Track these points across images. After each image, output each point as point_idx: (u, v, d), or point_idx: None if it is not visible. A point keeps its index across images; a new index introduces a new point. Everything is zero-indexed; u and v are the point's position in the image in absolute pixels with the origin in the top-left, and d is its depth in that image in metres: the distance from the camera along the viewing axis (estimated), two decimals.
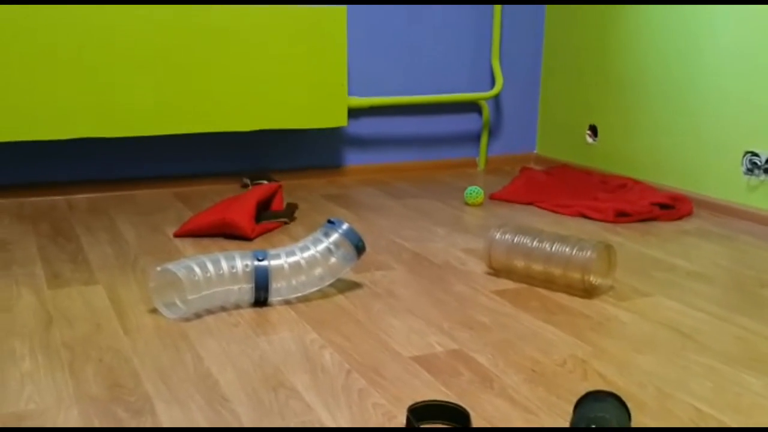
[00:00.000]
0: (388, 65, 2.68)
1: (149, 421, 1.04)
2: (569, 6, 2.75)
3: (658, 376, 1.20)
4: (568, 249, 1.53)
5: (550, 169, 2.70)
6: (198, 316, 1.41)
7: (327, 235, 1.50)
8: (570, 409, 1.09)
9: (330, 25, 2.40)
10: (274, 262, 1.45)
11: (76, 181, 2.37)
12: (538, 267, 1.57)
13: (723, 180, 2.23)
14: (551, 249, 1.55)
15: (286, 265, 1.45)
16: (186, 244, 1.85)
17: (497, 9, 2.73)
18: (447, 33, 2.73)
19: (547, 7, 2.86)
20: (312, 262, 1.47)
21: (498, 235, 1.62)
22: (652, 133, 2.46)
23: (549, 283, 1.58)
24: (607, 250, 1.54)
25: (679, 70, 2.34)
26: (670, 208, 2.20)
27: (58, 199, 2.31)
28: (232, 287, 1.42)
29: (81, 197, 2.33)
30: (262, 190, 1.99)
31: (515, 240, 1.60)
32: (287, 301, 1.49)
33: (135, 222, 2.05)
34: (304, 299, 1.50)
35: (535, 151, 2.99)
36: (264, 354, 1.26)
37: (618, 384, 1.17)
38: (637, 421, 1.06)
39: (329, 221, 1.52)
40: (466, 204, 2.30)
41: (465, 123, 2.86)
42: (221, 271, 1.40)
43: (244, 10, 2.30)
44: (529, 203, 2.32)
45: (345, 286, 1.58)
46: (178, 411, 1.07)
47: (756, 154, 2.12)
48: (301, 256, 1.47)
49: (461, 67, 2.79)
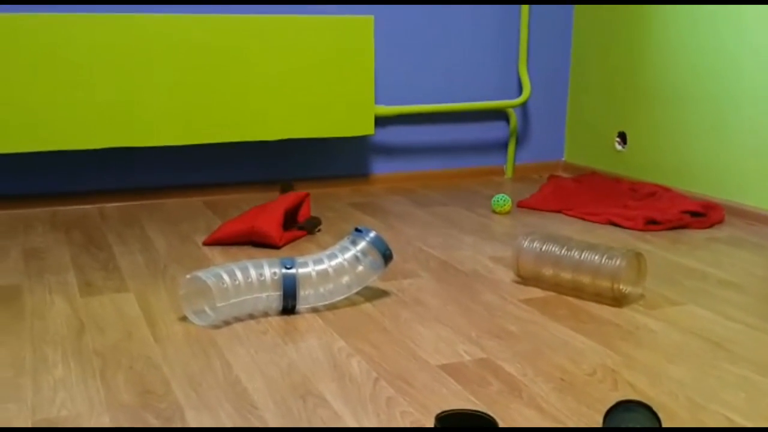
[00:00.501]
0: (415, 74, 2.68)
1: None
2: (597, 12, 2.73)
3: (690, 386, 1.18)
4: (597, 257, 1.51)
5: (578, 177, 2.68)
6: (227, 323, 1.42)
7: (354, 243, 1.51)
8: (600, 420, 1.07)
9: (357, 34, 2.42)
10: (301, 270, 1.45)
11: (107, 190, 2.40)
12: (566, 275, 1.55)
13: (755, 187, 2.19)
14: (580, 257, 1.53)
15: (314, 273, 1.46)
16: (215, 253, 1.87)
17: (524, 16, 2.72)
18: (474, 41, 2.73)
19: (575, 14, 2.84)
20: (339, 270, 1.48)
21: (526, 243, 1.61)
22: (682, 139, 2.43)
23: (578, 291, 1.57)
24: (637, 258, 1.53)
25: (710, 74, 2.31)
26: (701, 215, 2.17)
27: (90, 208, 2.35)
28: (260, 295, 1.43)
29: (112, 206, 2.36)
30: (290, 198, 2.00)
31: (543, 248, 1.59)
32: (315, 309, 1.49)
33: (165, 230, 2.07)
34: (332, 307, 1.51)
35: (563, 158, 2.97)
36: (292, 362, 1.26)
37: (649, 394, 1.15)
38: None
39: (356, 229, 1.52)
40: (494, 212, 2.29)
41: (492, 131, 2.85)
42: (250, 279, 1.41)
43: (271, 19, 2.32)
44: (558, 211, 2.30)
45: (372, 294, 1.58)
46: (208, 418, 1.08)
47: None
48: (328, 264, 1.47)
49: (488, 75, 2.78)
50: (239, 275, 1.41)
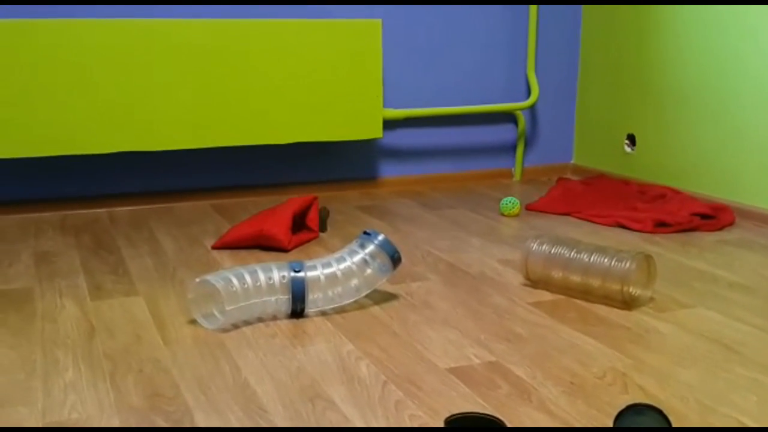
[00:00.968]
0: (423, 77, 2.68)
1: None
2: (606, 15, 2.72)
3: (700, 389, 1.17)
4: (606, 260, 1.51)
5: (587, 179, 2.67)
6: (236, 327, 1.43)
7: (363, 246, 1.51)
8: (610, 423, 1.07)
9: (365, 38, 2.42)
10: (310, 274, 1.45)
11: (117, 194, 2.41)
12: (575, 278, 1.55)
13: (766, 189, 2.18)
14: (589, 260, 1.53)
15: (323, 277, 1.46)
16: (224, 256, 1.87)
17: (532, 19, 2.72)
18: (482, 44, 2.73)
19: (583, 16, 2.84)
20: (348, 274, 1.48)
21: (535, 246, 1.61)
22: (691, 141, 2.42)
23: (587, 294, 1.56)
24: (646, 260, 1.52)
25: (719, 76, 2.30)
26: (711, 218, 2.16)
27: (100, 211, 2.36)
28: (269, 298, 1.43)
29: (122, 210, 2.37)
30: (299, 202, 2.00)
31: (552, 251, 1.58)
32: (323, 312, 1.50)
33: (174, 234, 2.08)
34: (341, 310, 1.51)
35: (572, 161, 2.96)
36: (301, 365, 1.26)
37: (659, 397, 1.15)
38: None
39: (365, 232, 1.52)
40: (502, 215, 2.28)
41: (501, 133, 2.85)
42: (258, 283, 1.42)
43: (280, 23, 2.33)
44: (566, 214, 2.29)
45: (381, 298, 1.58)
46: (217, 421, 1.08)
47: None
48: (337, 268, 1.48)
49: (497, 78, 2.78)
50: (248, 279, 1.41)
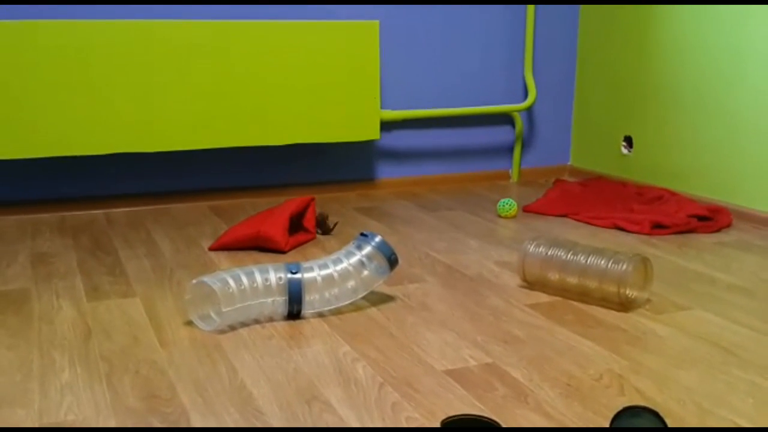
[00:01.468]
0: (421, 78, 2.68)
1: None
2: (603, 16, 2.73)
3: (698, 391, 1.17)
4: (603, 262, 1.51)
5: (584, 181, 2.67)
6: (232, 328, 1.42)
7: (360, 248, 1.51)
8: (607, 425, 1.07)
9: (363, 39, 2.42)
10: (307, 275, 1.45)
11: (114, 195, 2.41)
12: (572, 280, 1.55)
13: (763, 191, 2.18)
14: (586, 262, 1.53)
15: (319, 278, 1.46)
16: (221, 257, 1.87)
17: (530, 20, 2.72)
18: (479, 45, 2.73)
19: (580, 18, 2.84)
20: (345, 275, 1.48)
21: (532, 248, 1.61)
22: (688, 143, 2.42)
23: (584, 296, 1.56)
24: (643, 262, 1.52)
25: (716, 79, 2.30)
26: (709, 219, 2.16)
27: (97, 213, 2.35)
28: (265, 300, 1.43)
29: (119, 211, 2.37)
30: (296, 203, 2.00)
31: (549, 252, 1.58)
32: (320, 314, 1.49)
33: (171, 235, 2.08)
34: (337, 312, 1.51)
35: (570, 162, 2.96)
36: (298, 367, 1.26)
37: (656, 400, 1.15)
38: None
39: (362, 234, 1.52)
40: (499, 216, 2.28)
41: (498, 135, 2.85)
42: (255, 284, 1.42)
43: (277, 25, 2.33)
44: (563, 215, 2.30)
45: (378, 299, 1.58)
46: (213, 423, 1.08)
47: None
48: (334, 269, 1.47)
49: (494, 79, 2.78)
50: (245, 280, 1.41)
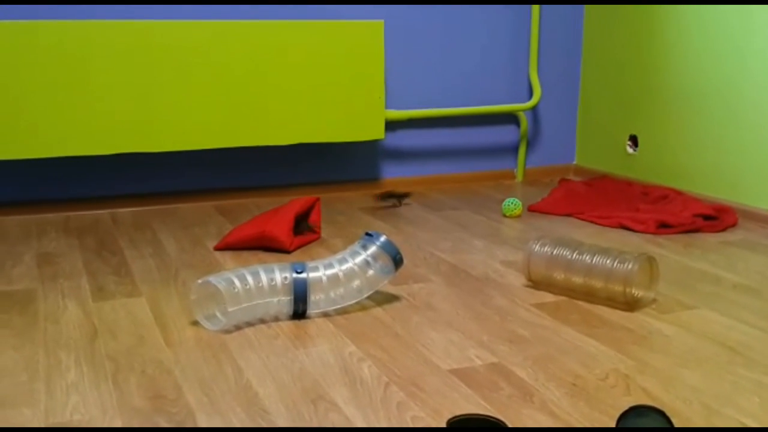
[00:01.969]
0: (426, 78, 2.68)
1: None
2: (608, 15, 2.72)
3: (704, 391, 1.17)
4: (609, 261, 1.51)
5: (589, 180, 2.67)
6: (238, 328, 1.43)
7: (365, 247, 1.51)
8: (613, 425, 1.07)
9: (367, 39, 2.42)
10: (312, 275, 1.45)
11: (120, 195, 2.42)
12: (578, 279, 1.55)
13: None
14: (592, 261, 1.53)
15: (325, 278, 1.46)
16: (226, 257, 1.87)
17: (535, 19, 2.72)
18: (484, 45, 2.73)
19: (585, 17, 2.84)
20: (350, 275, 1.48)
21: (537, 247, 1.61)
22: (694, 142, 2.42)
23: (589, 295, 1.56)
24: (649, 262, 1.52)
25: (721, 78, 2.30)
26: (714, 219, 2.16)
27: (102, 213, 2.36)
28: (271, 299, 1.43)
29: (125, 211, 2.38)
30: (300, 203, 2.00)
31: (554, 252, 1.58)
32: (325, 314, 1.50)
33: (177, 235, 2.08)
34: (343, 312, 1.51)
35: (575, 162, 2.96)
36: (303, 366, 1.26)
37: (662, 399, 1.15)
38: None
39: (367, 234, 1.52)
40: (504, 216, 2.28)
41: (503, 134, 2.85)
42: (260, 284, 1.42)
43: (282, 25, 2.33)
44: (568, 215, 2.29)
45: (383, 299, 1.58)
46: (219, 422, 1.08)
47: None
48: (339, 269, 1.48)
49: (499, 79, 2.78)
50: (250, 280, 1.41)
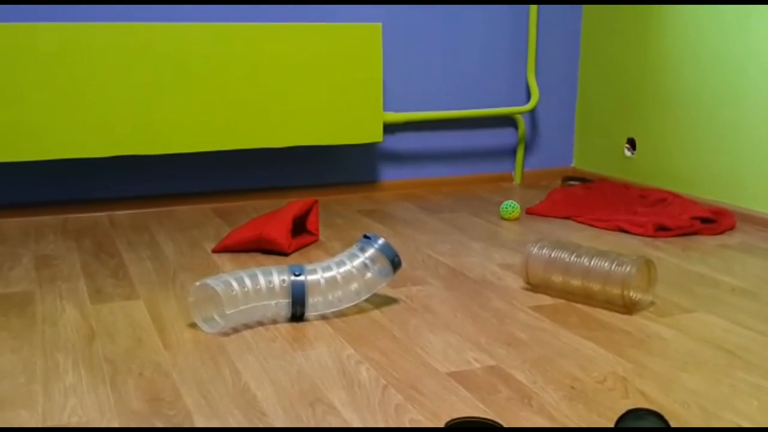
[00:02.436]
0: (423, 80, 2.69)
1: None
2: (606, 18, 2.73)
3: (703, 394, 1.17)
4: (607, 264, 1.51)
5: (587, 183, 2.67)
6: (236, 330, 1.42)
7: (363, 250, 1.51)
8: (610, 428, 1.07)
9: (365, 42, 2.42)
10: (310, 277, 1.45)
11: (118, 197, 2.41)
12: (576, 282, 1.55)
13: (766, 193, 2.18)
14: (590, 264, 1.53)
15: (323, 280, 1.46)
16: (224, 260, 1.87)
17: (532, 23, 2.72)
18: (482, 47, 2.73)
19: (583, 20, 2.84)
20: (348, 277, 1.48)
21: (535, 250, 1.61)
22: (692, 145, 2.42)
23: (587, 298, 1.56)
24: (647, 265, 1.52)
25: (719, 81, 2.30)
26: (712, 222, 2.16)
27: (100, 215, 2.36)
28: (269, 302, 1.43)
29: (123, 213, 2.37)
30: (299, 206, 2.00)
31: (552, 255, 1.58)
32: (324, 316, 1.49)
33: (175, 238, 2.08)
34: (341, 314, 1.51)
35: (572, 164, 2.96)
36: (301, 369, 1.26)
37: (660, 402, 1.15)
38: None
39: (365, 236, 1.52)
40: (502, 219, 2.28)
41: (501, 137, 2.85)
42: (258, 286, 1.42)
43: (279, 27, 2.33)
44: (566, 217, 2.29)
45: (381, 302, 1.58)
46: (217, 425, 1.08)
47: None
48: (337, 271, 1.47)
49: (497, 82, 2.78)
50: (248, 282, 1.41)
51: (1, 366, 1.27)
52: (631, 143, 2.67)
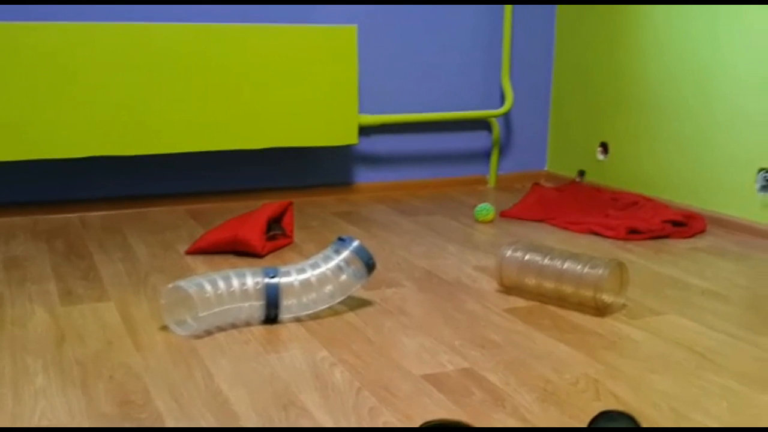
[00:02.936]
0: (399, 83, 2.69)
1: None
2: (579, 24, 2.75)
3: (673, 396, 1.19)
4: (579, 267, 1.52)
5: (561, 186, 2.69)
6: (209, 333, 1.41)
7: (337, 252, 1.50)
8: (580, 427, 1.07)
9: (341, 44, 2.42)
10: (284, 280, 1.45)
11: (89, 198, 2.38)
12: (549, 285, 1.56)
13: (737, 197, 2.22)
14: (563, 267, 1.54)
15: (297, 283, 1.45)
16: (197, 262, 1.85)
17: (506, 27, 2.74)
18: (457, 51, 2.74)
19: (557, 25, 2.87)
20: (322, 280, 1.47)
21: (509, 253, 1.62)
22: (663, 149, 2.45)
23: (561, 301, 1.57)
24: (619, 267, 1.54)
25: (691, 86, 2.33)
26: (683, 225, 2.19)
27: (72, 216, 2.33)
28: (242, 304, 1.42)
29: (94, 215, 2.34)
30: (273, 207, 1.99)
31: (526, 257, 1.59)
32: (298, 319, 1.49)
33: (147, 239, 2.06)
34: (315, 316, 1.50)
35: (546, 168, 2.98)
36: (274, 371, 1.25)
37: (632, 404, 1.16)
38: None
39: (340, 238, 1.52)
40: (477, 221, 2.29)
41: (476, 140, 2.86)
42: (232, 288, 1.41)
43: (254, 29, 2.32)
44: (540, 220, 2.31)
45: (356, 304, 1.58)
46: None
47: None
48: (311, 274, 1.47)
49: (471, 85, 2.79)
50: (221, 284, 1.40)
51: None
52: (604, 147, 2.70)
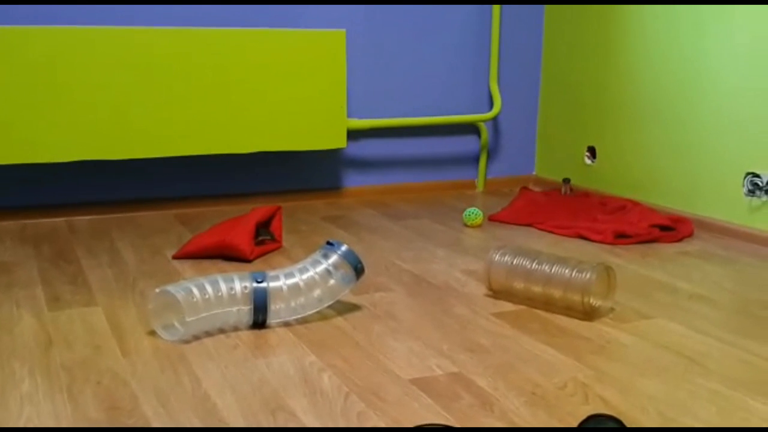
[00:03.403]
0: (387, 87, 2.69)
1: None
2: (567, 29, 2.77)
3: (661, 399, 1.19)
4: (567, 271, 1.52)
5: (548, 191, 2.70)
6: (197, 338, 1.41)
7: (326, 256, 1.50)
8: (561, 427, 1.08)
9: (329, 48, 2.42)
10: (272, 284, 1.44)
11: (77, 203, 2.37)
12: (537, 289, 1.56)
13: (724, 201, 2.23)
14: (551, 271, 1.54)
15: (285, 287, 1.45)
16: (185, 266, 1.85)
17: (495, 32, 2.75)
18: (446, 55, 2.75)
19: (545, 29, 2.88)
20: (311, 284, 1.47)
21: (497, 257, 1.62)
22: (651, 154, 2.46)
23: (549, 305, 1.58)
24: (606, 271, 1.54)
25: (678, 91, 2.35)
26: (671, 229, 2.20)
27: (59, 221, 2.31)
28: (230, 309, 1.42)
29: (82, 219, 2.33)
30: (262, 212, 1.99)
31: (514, 262, 1.59)
32: (286, 323, 1.48)
33: (135, 244, 2.05)
34: (303, 321, 1.50)
35: (534, 172, 2.99)
36: (263, 377, 1.25)
37: (620, 408, 1.16)
38: None
39: (328, 243, 1.52)
40: (465, 225, 2.30)
41: (464, 145, 2.87)
42: (220, 293, 1.40)
43: (243, 33, 2.32)
44: (528, 224, 2.32)
45: (344, 308, 1.57)
46: None
47: (757, 176, 2.12)
48: (300, 278, 1.47)
49: (460, 89, 2.80)
50: (209, 289, 1.39)
51: None
52: (592, 151, 2.71)
